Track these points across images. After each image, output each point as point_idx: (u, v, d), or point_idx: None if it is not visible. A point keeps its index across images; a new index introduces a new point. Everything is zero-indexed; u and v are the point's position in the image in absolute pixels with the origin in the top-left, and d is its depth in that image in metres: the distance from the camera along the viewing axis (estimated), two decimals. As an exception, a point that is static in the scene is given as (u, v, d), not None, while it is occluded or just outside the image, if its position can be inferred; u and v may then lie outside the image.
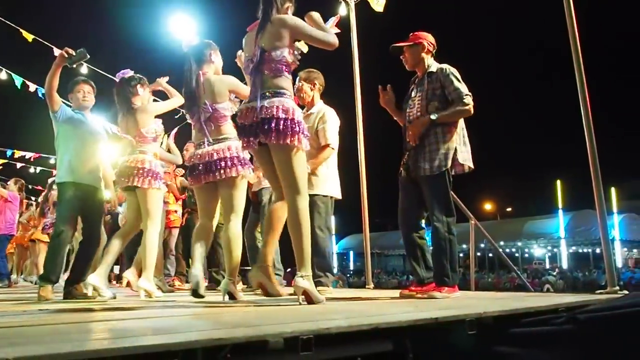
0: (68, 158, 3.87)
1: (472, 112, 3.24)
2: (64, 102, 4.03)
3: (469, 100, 3.21)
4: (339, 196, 4.17)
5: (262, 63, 2.74)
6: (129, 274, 4.27)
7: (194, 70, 3.29)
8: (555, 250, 25.83)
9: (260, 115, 2.66)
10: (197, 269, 3.11)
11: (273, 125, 2.62)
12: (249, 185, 4.56)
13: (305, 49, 3.99)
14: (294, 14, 2.91)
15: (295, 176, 2.72)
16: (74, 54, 3.77)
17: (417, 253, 3.32)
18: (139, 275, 3.92)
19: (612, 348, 2.12)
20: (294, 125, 2.65)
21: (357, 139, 5.42)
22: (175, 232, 6.18)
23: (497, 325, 2.09)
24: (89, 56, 3.83)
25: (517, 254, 26.01)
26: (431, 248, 3.25)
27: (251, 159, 3.45)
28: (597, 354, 2.13)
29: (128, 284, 4.19)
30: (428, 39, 3.43)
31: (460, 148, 3.24)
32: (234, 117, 3.24)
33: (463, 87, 3.23)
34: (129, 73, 4.10)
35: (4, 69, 7.77)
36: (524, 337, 2.19)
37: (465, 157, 3.26)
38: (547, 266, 25.89)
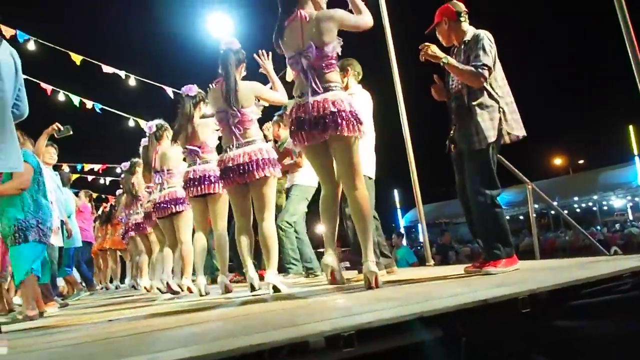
0: None
1: (481, 85, 3.08)
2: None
3: (482, 71, 3.05)
4: (372, 175, 4.08)
5: (315, 59, 2.82)
6: (187, 281, 4.44)
7: (232, 73, 3.41)
8: (636, 199, 24.22)
9: (325, 110, 2.75)
10: (250, 269, 3.35)
11: (344, 118, 2.73)
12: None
13: None
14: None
15: (356, 165, 2.85)
16: (62, 129, 5.04)
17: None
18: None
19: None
20: (351, 116, 2.77)
21: (399, 112, 5.35)
22: None
23: (553, 299, 2.00)
24: (72, 132, 5.09)
25: (594, 208, 24.59)
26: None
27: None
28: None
29: (189, 290, 4.36)
30: (447, 12, 3.30)
31: (506, 118, 3.10)
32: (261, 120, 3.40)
33: (486, 59, 3.07)
34: (193, 90, 4.25)
35: (61, 91, 8.23)
36: (585, 309, 2.08)
37: (513, 127, 3.12)
38: (631, 217, 24.34)
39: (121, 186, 6.85)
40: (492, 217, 3.05)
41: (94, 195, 9.72)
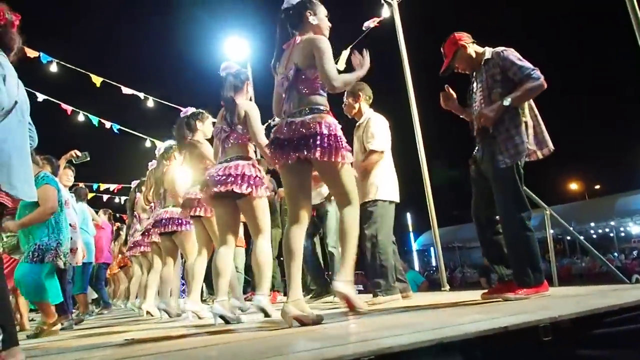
0: None
1: (545, 85, 2.99)
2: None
3: (537, 74, 2.99)
4: (396, 199, 4.08)
5: (297, 81, 2.75)
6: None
7: (231, 96, 3.46)
8: (655, 226, 23.73)
9: (301, 131, 2.64)
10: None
11: (318, 142, 2.60)
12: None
13: (341, 67, 4.00)
14: (329, 19, 2.96)
15: (345, 188, 2.76)
16: (80, 155, 5.49)
17: (494, 252, 3.20)
18: None
19: None
20: (337, 142, 2.64)
21: (415, 134, 5.37)
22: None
23: (575, 327, 1.96)
24: (89, 159, 5.52)
25: (611, 234, 24.14)
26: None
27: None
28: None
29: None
30: (458, 39, 3.27)
31: (531, 136, 3.06)
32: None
33: (527, 64, 3.02)
34: (189, 111, 4.29)
35: (81, 112, 8.40)
36: (608, 338, 2.04)
37: (539, 141, 3.08)
38: (649, 244, 23.83)
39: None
40: (522, 240, 2.96)
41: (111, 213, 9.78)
